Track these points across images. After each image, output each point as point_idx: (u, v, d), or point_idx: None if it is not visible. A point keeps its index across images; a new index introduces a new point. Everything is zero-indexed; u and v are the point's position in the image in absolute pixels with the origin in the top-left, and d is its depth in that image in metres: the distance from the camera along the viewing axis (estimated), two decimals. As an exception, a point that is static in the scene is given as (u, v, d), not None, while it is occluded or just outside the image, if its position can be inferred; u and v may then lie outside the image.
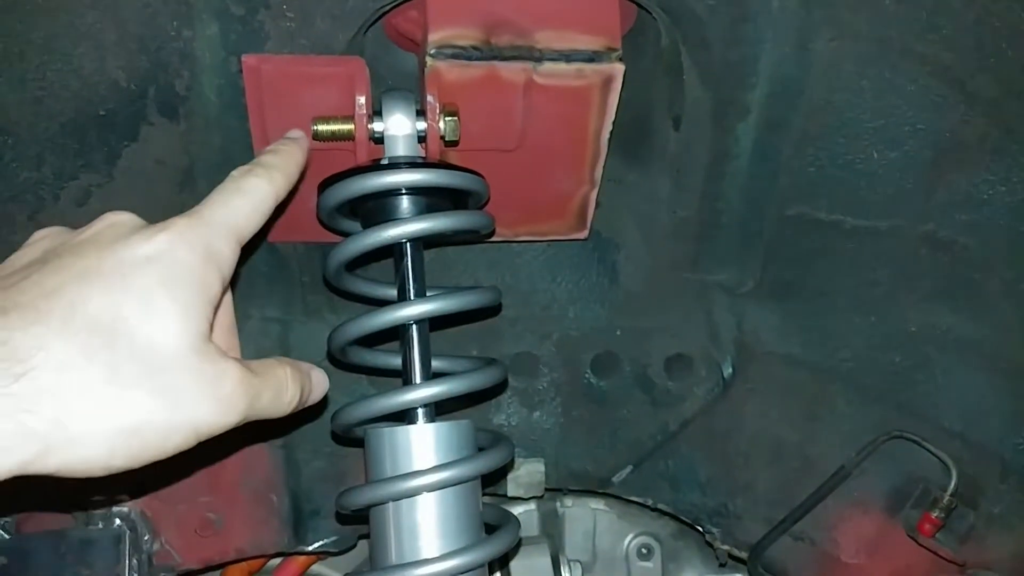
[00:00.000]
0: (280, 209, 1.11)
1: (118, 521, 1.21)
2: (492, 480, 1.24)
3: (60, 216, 1.09)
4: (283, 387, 0.78)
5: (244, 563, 1.45)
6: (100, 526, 1.20)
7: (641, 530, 1.43)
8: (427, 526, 0.93)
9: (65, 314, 0.63)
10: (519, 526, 0.99)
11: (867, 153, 1.08)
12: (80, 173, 1.08)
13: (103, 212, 1.10)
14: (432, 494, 0.93)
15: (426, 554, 0.92)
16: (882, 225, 1.15)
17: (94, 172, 1.08)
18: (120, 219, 0.74)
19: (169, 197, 1.11)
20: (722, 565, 1.37)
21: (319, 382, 0.84)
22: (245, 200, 0.79)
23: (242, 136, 1.07)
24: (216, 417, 0.68)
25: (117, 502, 1.22)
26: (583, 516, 1.42)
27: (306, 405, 0.84)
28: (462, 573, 0.92)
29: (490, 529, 0.98)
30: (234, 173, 0.82)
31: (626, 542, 1.43)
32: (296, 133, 0.95)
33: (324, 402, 0.91)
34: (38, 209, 1.09)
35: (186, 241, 0.71)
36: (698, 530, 1.31)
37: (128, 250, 0.69)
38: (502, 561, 1.30)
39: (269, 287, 1.22)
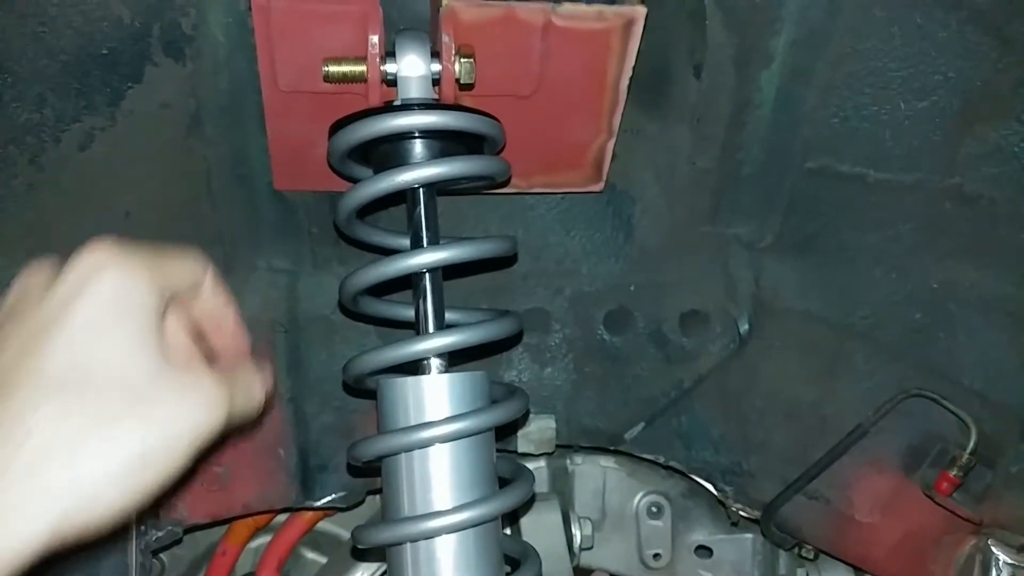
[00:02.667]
0: (288, 156, 1.08)
1: (124, 473, 1.20)
2: (504, 434, 1.23)
3: (62, 160, 1.06)
4: (251, 383, 0.77)
5: (250, 519, 1.44)
6: (106, 478, 1.18)
7: (651, 488, 1.41)
8: (440, 477, 0.91)
9: (37, 374, 0.63)
10: (533, 480, 0.97)
11: (893, 103, 1.05)
12: (83, 115, 1.04)
13: (107, 157, 1.08)
14: (445, 445, 0.91)
15: (439, 506, 0.91)
16: (906, 178, 1.12)
17: (97, 114, 1.05)
18: (37, 279, 0.72)
19: (175, 142, 1.08)
20: (734, 524, 1.36)
21: (269, 379, 0.83)
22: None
23: (251, 79, 1.03)
24: (208, 418, 0.68)
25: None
26: (593, 474, 1.40)
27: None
28: (475, 525, 0.91)
29: (504, 483, 0.96)
30: None
31: (636, 500, 1.41)
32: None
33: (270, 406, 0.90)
34: (39, 152, 1.06)
35: (110, 276, 0.69)
36: (710, 489, 1.30)
37: (57, 299, 0.67)
38: (512, 517, 1.29)
39: (276, 237, 1.19)
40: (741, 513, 1.29)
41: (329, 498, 1.27)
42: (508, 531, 1.24)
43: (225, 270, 1.17)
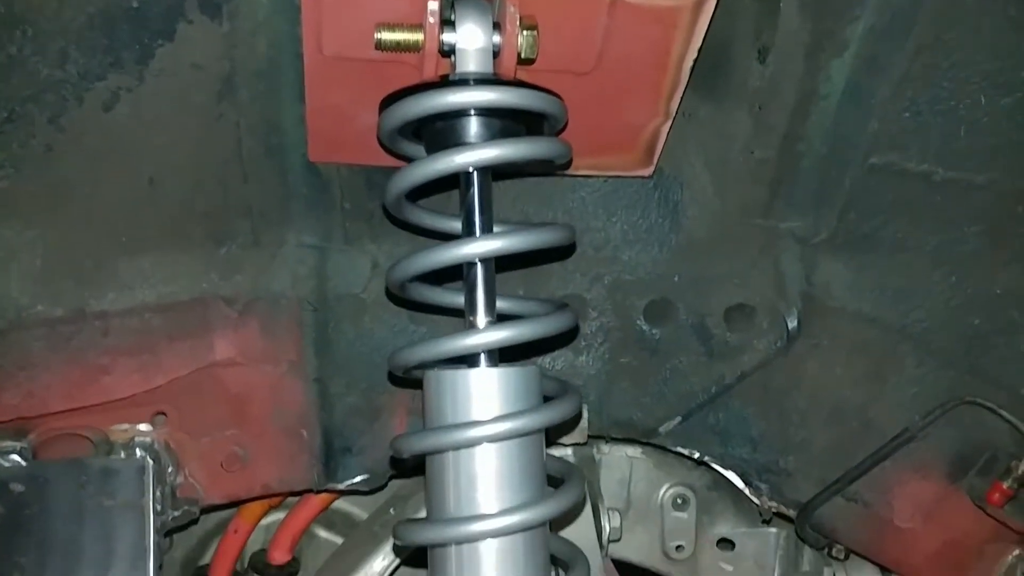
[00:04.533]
0: (326, 127, 1.02)
1: (140, 451, 1.15)
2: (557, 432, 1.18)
3: (84, 121, 0.99)
4: None
5: (263, 496, 1.40)
6: (122, 456, 1.14)
7: (677, 480, 1.38)
8: (487, 478, 0.87)
9: None
10: (584, 481, 0.93)
11: (974, 98, 1.00)
12: (108, 73, 0.97)
13: (132, 119, 1.01)
14: (494, 444, 0.87)
15: (485, 508, 0.87)
16: (978, 178, 1.07)
17: (123, 73, 0.97)
18: None
19: (206, 106, 1.01)
20: (766, 522, 1.34)
21: None
22: None
23: (291, 42, 0.97)
24: None
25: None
26: (619, 464, 1.37)
27: None
28: (523, 530, 0.87)
29: (553, 481, 0.92)
30: None
31: (661, 492, 1.38)
32: None
33: None
34: (59, 111, 0.99)
35: None
36: (742, 487, 1.26)
37: None
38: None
39: (307, 211, 1.13)
40: (774, 512, 1.26)
41: (352, 481, 1.23)
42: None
43: (253, 244, 1.13)
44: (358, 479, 1.23)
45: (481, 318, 0.90)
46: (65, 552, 1.08)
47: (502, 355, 0.90)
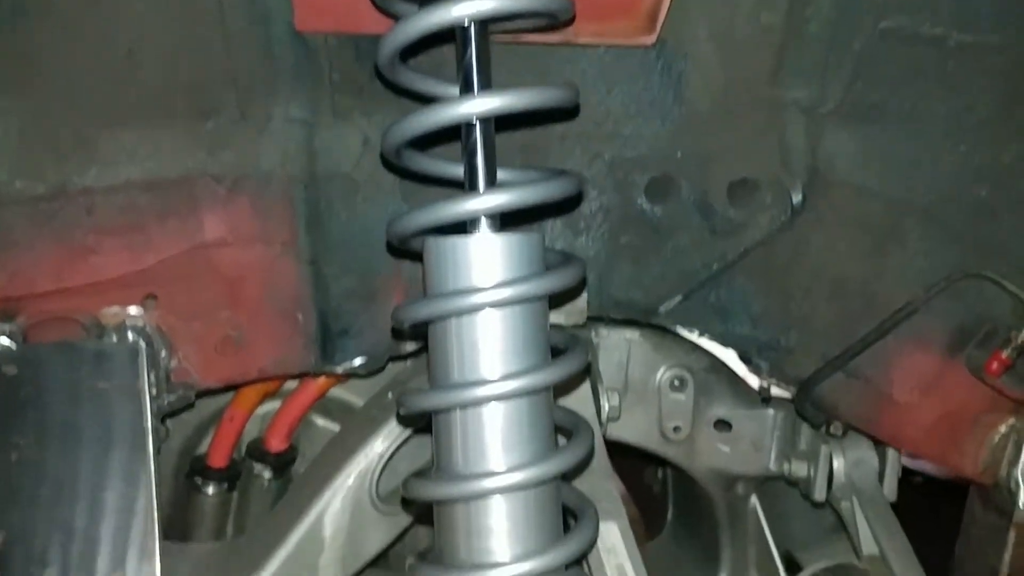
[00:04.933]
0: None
1: (132, 335, 1.13)
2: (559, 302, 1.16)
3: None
4: None
5: (259, 384, 1.39)
6: (114, 339, 1.11)
7: (675, 363, 1.38)
8: (490, 343, 0.85)
9: None
10: (587, 350, 0.92)
11: (994, -48, 0.95)
12: None
13: None
14: (497, 310, 0.85)
15: (487, 374, 0.86)
16: (992, 39, 1.03)
17: None
18: None
19: None
20: (765, 400, 1.34)
21: None
22: None
23: None
24: None
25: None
26: (617, 346, 1.36)
27: None
28: (526, 395, 0.86)
29: (556, 354, 0.91)
30: None
31: (659, 374, 1.38)
32: None
33: None
34: None
35: None
36: (735, 368, 1.26)
37: None
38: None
39: (294, 84, 1.08)
40: (774, 389, 1.26)
41: (350, 364, 1.21)
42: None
43: (239, 118, 1.09)
44: (356, 362, 1.22)
45: (481, 183, 0.87)
46: (64, 435, 1.07)
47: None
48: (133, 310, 1.13)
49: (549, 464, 0.87)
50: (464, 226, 0.88)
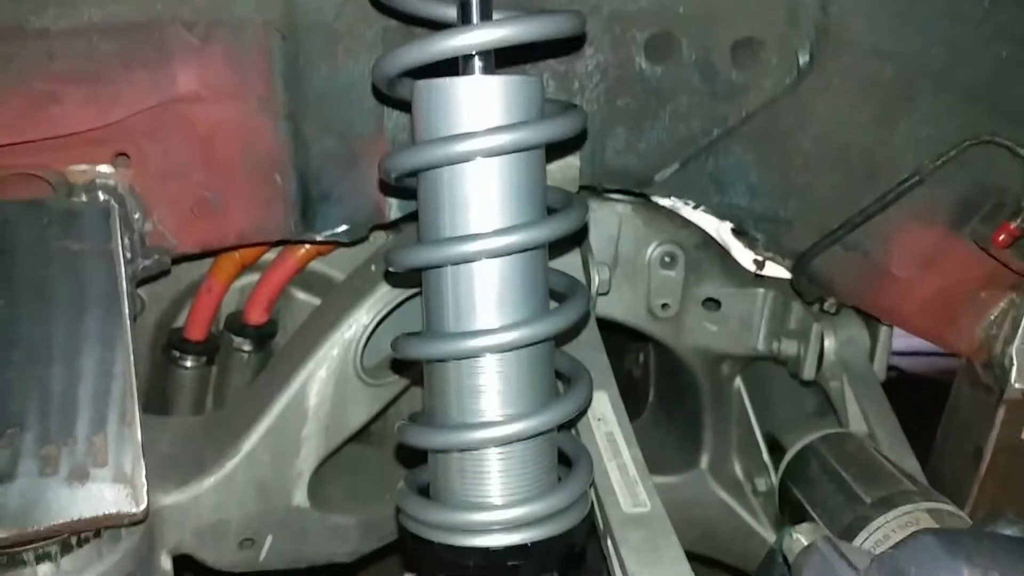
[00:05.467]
0: None
1: (103, 195, 1.07)
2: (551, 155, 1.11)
3: None
4: None
5: (236, 254, 1.34)
6: (84, 198, 1.05)
7: (666, 238, 1.33)
8: (482, 194, 0.81)
9: None
10: (586, 208, 0.88)
11: None
12: None
13: None
14: (491, 159, 0.80)
15: (480, 228, 0.81)
16: None
17: None
18: None
19: None
20: (758, 276, 1.31)
21: None
22: None
23: None
24: None
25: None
26: (608, 220, 1.31)
27: None
28: (521, 251, 0.82)
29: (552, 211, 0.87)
30: None
31: (649, 250, 1.34)
32: None
33: None
34: None
35: None
36: (722, 243, 1.22)
37: None
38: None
39: None
40: (766, 269, 1.23)
41: (332, 232, 1.16)
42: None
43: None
44: (339, 229, 1.17)
45: (475, 14, 0.80)
46: (35, 294, 1.02)
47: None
48: (104, 168, 1.07)
49: (543, 323, 0.84)
50: (456, 69, 0.81)
